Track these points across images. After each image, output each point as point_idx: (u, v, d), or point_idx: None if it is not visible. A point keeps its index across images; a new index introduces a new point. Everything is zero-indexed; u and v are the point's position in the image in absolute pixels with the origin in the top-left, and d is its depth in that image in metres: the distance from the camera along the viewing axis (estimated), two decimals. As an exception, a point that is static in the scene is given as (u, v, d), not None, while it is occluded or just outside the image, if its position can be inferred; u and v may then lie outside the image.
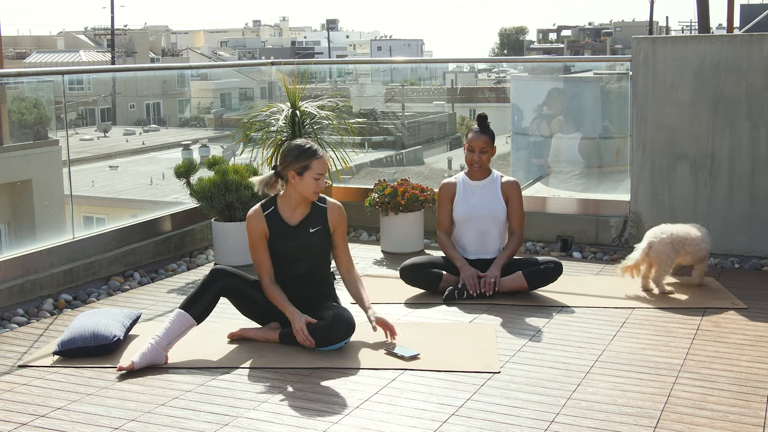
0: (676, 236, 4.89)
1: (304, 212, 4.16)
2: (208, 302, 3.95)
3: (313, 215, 4.17)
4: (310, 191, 4.08)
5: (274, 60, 7.68)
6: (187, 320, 3.88)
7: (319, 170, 4.08)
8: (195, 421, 3.22)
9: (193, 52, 56.86)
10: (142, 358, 3.74)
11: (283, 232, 4.12)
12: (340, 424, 3.19)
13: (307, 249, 4.13)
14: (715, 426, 3.14)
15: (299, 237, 4.12)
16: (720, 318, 4.45)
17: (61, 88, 5.88)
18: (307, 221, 4.15)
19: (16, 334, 4.30)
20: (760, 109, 5.56)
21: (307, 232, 4.13)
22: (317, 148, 4.11)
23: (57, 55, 44.25)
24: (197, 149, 17.82)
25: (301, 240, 4.12)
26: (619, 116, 8.68)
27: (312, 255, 4.16)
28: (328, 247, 4.23)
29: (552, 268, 4.82)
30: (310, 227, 4.15)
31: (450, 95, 26.49)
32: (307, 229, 4.14)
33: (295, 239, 4.12)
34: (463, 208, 5.01)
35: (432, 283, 4.85)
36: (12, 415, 3.30)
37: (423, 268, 4.90)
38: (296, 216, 4.15)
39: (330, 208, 4.21)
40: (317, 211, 4.18)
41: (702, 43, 5.71)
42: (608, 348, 4.00)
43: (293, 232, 4.12)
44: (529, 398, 3.41)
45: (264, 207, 4.17)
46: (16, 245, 5.27)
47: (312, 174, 4.06)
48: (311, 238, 4.13)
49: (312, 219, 4.16)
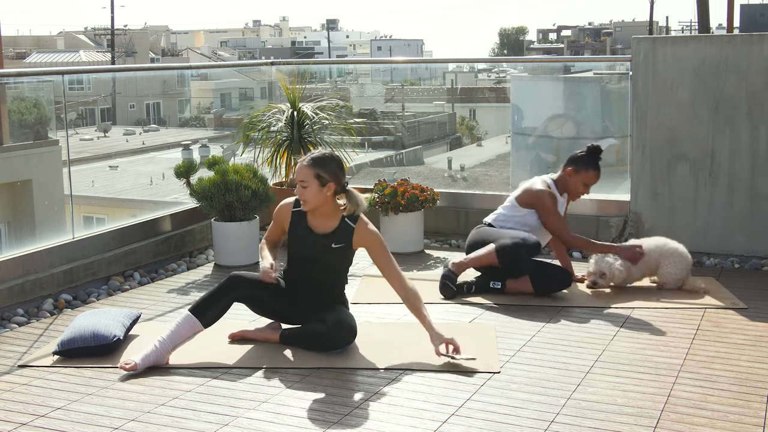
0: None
1: (333, 226, 4.05)
2: (220, 309, 3.92)
3: (339, 231, 4.04)
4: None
5: (273, 60, 7.68)
6: (195, 325, 3.85)
7: (298, 177, 4.02)
8: (195, 421, 3.22)
9: (193, 52, 56.87)
10: (144, 360, 3.73)
11: (304, 236, 4.06)
12: (340, 424, 3.19)
13: (325, 262, 4.06)
14: (715, 426, 3.14)
15: (319, 248, 4.04)
16: (720, 318, 4.45)
17: (61, 88, 5.89)
18: (333, 236, 4.03)
19: (16, 334, 4.30)
20: (760, 109, 5.56)
21: (329, 246, 4.04)
22: (306, 156, 4.06)
23: (57, 55, 44.26)
24: (197, 149, 17.84)
25: (321, 251, 4.04)
26: (619, 116, 8.68)
27: (329, 267, 4.09)
28: (348, 263, 4.14)
29: (560, 279, 4.83)
30: (334, 242, 4.04)
31: (450, 95, 26.53)
32: (329, 244, 4.04)
33: (315, 248, 4.05)
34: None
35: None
36: (12, 415, 3.30)
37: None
38: (324, 226, 4.05)
39: (357, 229, 4.04)
40: (344, 228, 4.04)
41: (702, 43, 5.71)
42: (608, 348, 4.00)
43: (316, 240, 4.04)
44: (529, 398, 3.41)
45: (296, 203, 4.10)
46: (16, 245, 5.26)
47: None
48: (332, 253, 4.04)
49: (338, 234, 4.03)
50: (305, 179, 3.95)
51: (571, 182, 5.07)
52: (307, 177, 3.95)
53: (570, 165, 5.08)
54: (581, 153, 5.10)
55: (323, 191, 3.95)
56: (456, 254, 5.87)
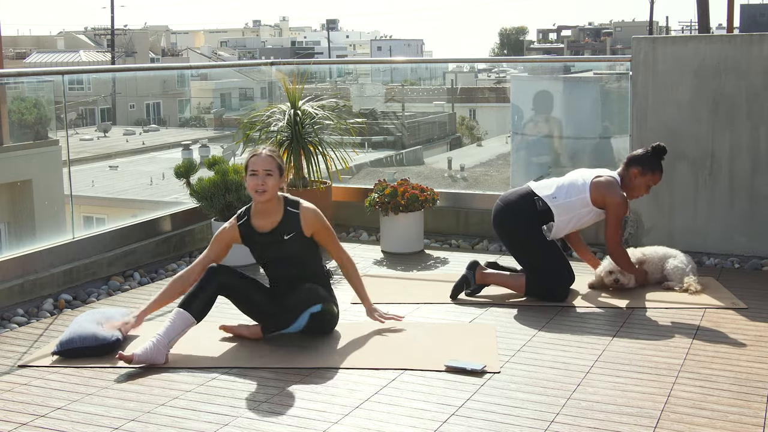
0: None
1: (277, 220, 4.12)
2: (206, 300, 3.95)
3: (285, 222, 4.11)
4: (251, 190, 4.06)
5: (273, 60, 7.68)
6: (186, 318, 3.88)
7: (251, 166, 4.05)
8: (195, 421, 3.22)
9: (193, 52, 56.87)
10: (143, 353, 3.75)
11: (257, 241, 4.14)
12: (340, 424, 3.19)
13: (285, 256, 4.13)
14: (715, 426, 3.14)
15: (274, 244, 4.11)
16: (720, 318, 4.45)
17: (61, 88, 5.89)
18: (280, 228, 4.11)
19: (16, 334, 4.30)
20: (760, 109, 5.56)
21: (281, 240, 4.10)
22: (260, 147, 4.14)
23: (57, 55, 44.27)
24: (197, 149, 17.84)
25: (276, 247, 4.11)
26: (619, 116, 8.68)
27: (292, 260, 4.15)
28: (309, 250, 4.18)
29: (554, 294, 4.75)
30: (284, 234, 4.10)
31: (450, 95, 26.50)
32: (281, 236, 4.10)
33: (270, 247, 4.13)
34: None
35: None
36: (12, 415, 3.30)
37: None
38: (268, 224, 4.12)
39: (302, 214, 4.13)
40: (290, 217, 4.12)
41: (702, 43, 5.71)
42: (608, 348, 4.00)
43: (267, 239, 4.12)
44: (529, 398, 3.41)
45: (239, 218, 4.18)
46: (16, 245, 5.27)
47: (249, 172, 4.06)
48: (286, 245, 4.10)
49: (285, 226, 4.11)
50: (270, 168, 4.03)
51: (636, 183, 4.85)
52: (272, 166, 4.04)
53: (636, 166, 4.83)
54: (646, 153, 4.85)
55: (280, 181, 4.08)
56: (465, 255, 5.88)
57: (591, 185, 4.82)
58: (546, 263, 4.77)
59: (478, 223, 6.33)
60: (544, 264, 4.77)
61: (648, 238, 5.73)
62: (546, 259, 4.78)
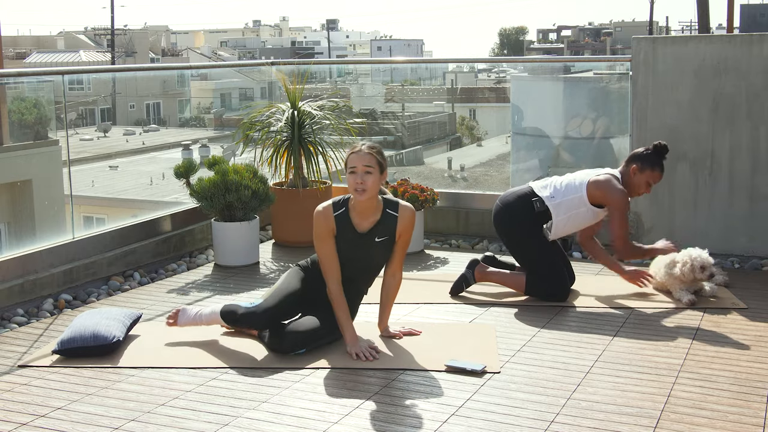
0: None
1: (375, 220, 3.92)
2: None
3: (381, 223, 3.92)
4: (351, 188, 3.86)
5: (273, 60, 7.68)
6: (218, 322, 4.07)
7: (351, 163, 3.83)
8: (195, 421, 3.22)
9: (193, 52, 56.86)
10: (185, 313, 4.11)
11: (349, 238, 3.92)
12: (340, 424, 3.19)
13: (362, 257, 3.96)
14: (715, 426, 3.14)
15: (363, 245, 3.93)
16: (720, 318, 4.45)
17: (61, 88, 5.88)
18: (375, 230, 3.91)
19: (16, 334, 4.30)
20: (760, 109, 5.56)
21: (372, 242, 3.92)
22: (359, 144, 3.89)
23: (57, 55, 44.26)
24: (197, 149, 17.82)
25: (363, 248, 3.94)
26: (619, 116, 8.68)
27: (369, 266, 4.02)
28: (384, 260, 4.02)
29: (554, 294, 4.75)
30: (377, 236, 3.92)
31: (450, 95, 26.48)
32: (373, 239, 3.92)
33: (360, 247, 3.93)
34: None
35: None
36: (12, 415, 3.30)
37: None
38: (367, 224, 3.92)
39: (401, 214, 3.92)
40: (387, 219, 3.92)
41: (702, 43, 5.71)
42: (608, 348, 4.00)
43: (360, 239, 3.92)
44: (529, 398, 3.41)
45: (335, 207, 3.93)
46: (16, 245, 5.27)
47: (348, 169, 3.87)
48: (373, 248, 3.94)
49: (380, 228, 3.91)
50: (371, 164, 3.81)
51: (635, 180, 4.84)
52: (372, 163, 3.81)
53: (635, 163, 4.83)
54: (647, 151, 4.86)
55: (381, 179, 3.87)
56: (465, 255, 5.88)
57: (588, 184, 4.82)
58: (546, 263, 4.78)
59: (478, 223, 6.33)
60: (544, 264, 4.78)
61: (648, 238, 5.73)
62: (546, 259, 4.79)
